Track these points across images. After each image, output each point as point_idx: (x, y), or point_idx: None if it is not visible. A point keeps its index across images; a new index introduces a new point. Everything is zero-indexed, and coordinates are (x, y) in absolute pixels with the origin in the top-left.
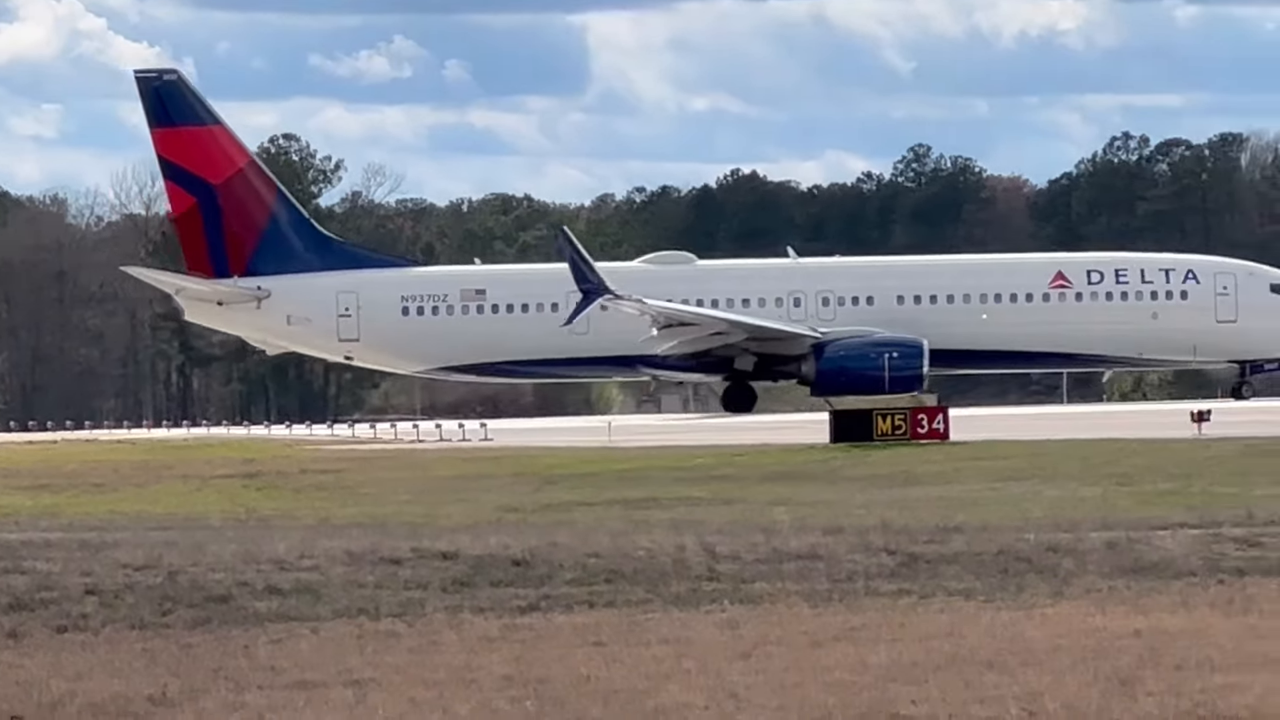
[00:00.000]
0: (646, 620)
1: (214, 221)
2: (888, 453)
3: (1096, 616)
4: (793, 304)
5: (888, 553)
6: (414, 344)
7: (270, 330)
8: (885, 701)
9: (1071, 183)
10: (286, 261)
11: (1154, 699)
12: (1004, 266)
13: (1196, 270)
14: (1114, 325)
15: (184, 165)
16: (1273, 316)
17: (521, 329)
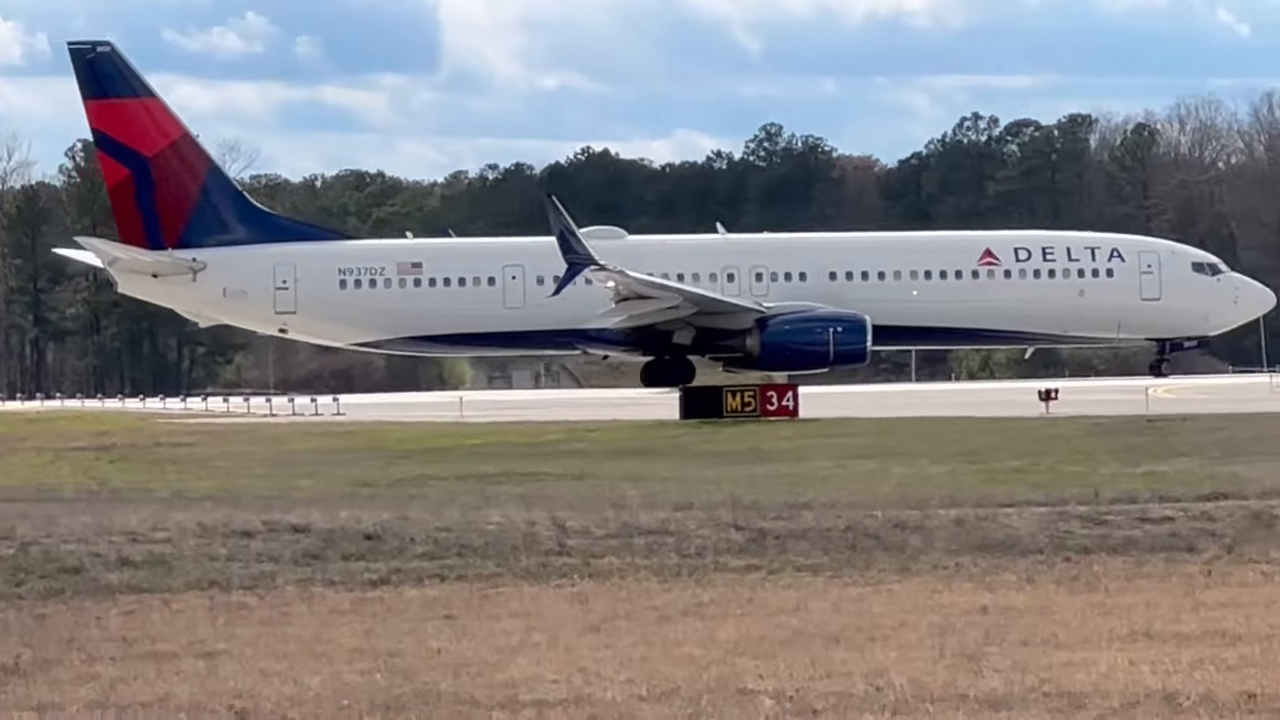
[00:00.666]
0: (497, 594)
1: (147, 193)
2: (737, 429)
3: (943, 593)
4: (726, 279)
5: (736, 529)
6: (351, 317)
7: (206, 302)
8: (733, 676)
9: (921, 162)
10: (220, 234)
11: (1000, 675)
12: (934, 243)
13: (1121, 249)
14: (1041, 302)
15: (117, 137)
16: (1193, 295)
17: (458, 303)
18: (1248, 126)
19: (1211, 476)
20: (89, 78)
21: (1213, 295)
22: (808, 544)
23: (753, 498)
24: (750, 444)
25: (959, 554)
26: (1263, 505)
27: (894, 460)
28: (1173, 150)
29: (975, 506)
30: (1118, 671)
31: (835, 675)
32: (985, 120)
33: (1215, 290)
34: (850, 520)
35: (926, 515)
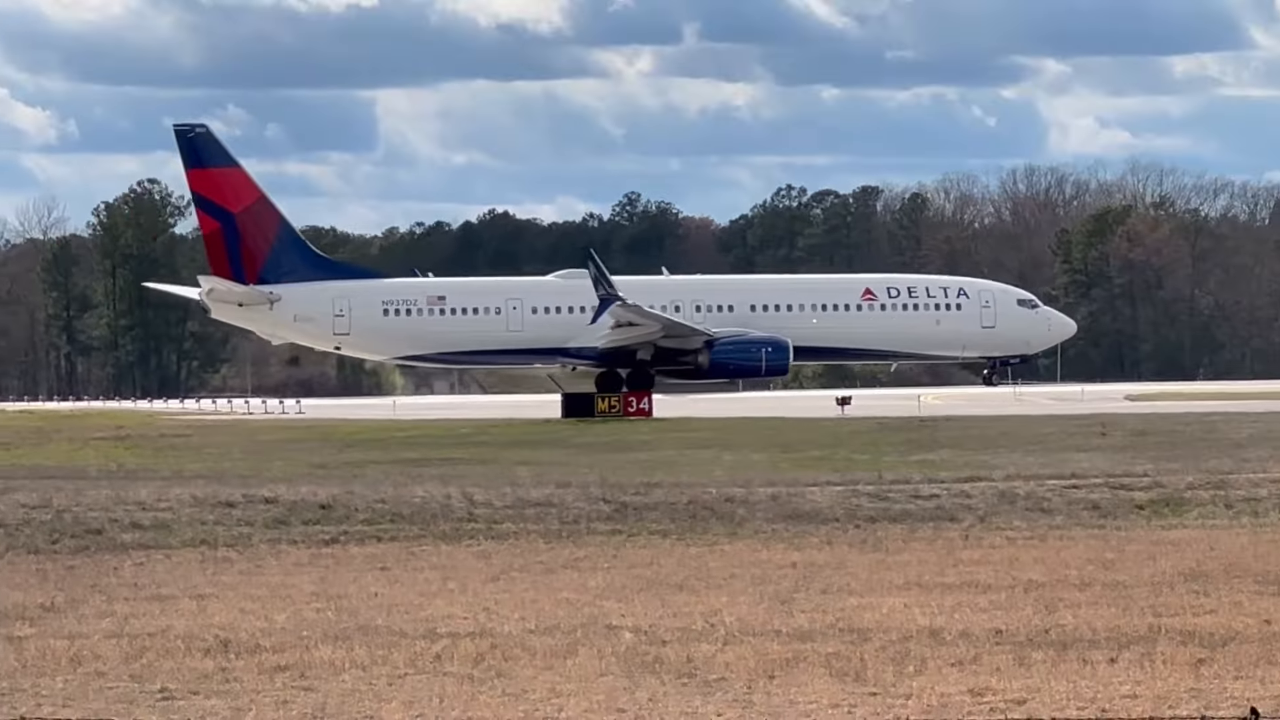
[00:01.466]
0: (420, 551)
1: (234, 241)
2: (606, 426)
3: (762, 551)
4: (674, 309)
5: (604, 501)
6: (391, 338)
7: (279, 326)
8: (601, 615)
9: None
10: (290, 272)
11: (806, 615)
12: (828, 284)
13: (965, 288)
14: (908, 329)
15: (210, 198)
16: (1019, 324)
17: (472, 327)
18: (997, 195)
19: (968, 463)
20: (189, 152)
21: (1032, 324)
22: (659, 513)
23: (617, 478)
24: (615, 437)
25: (775, 522)
26: (1007, 486)
27: (726, 450)
28: (939, 214)
29: (787, 486)
30: (896, 613)
31: (680, 614)
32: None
33: (1034, 320)
34: (691, 495)
35: (750, 492)
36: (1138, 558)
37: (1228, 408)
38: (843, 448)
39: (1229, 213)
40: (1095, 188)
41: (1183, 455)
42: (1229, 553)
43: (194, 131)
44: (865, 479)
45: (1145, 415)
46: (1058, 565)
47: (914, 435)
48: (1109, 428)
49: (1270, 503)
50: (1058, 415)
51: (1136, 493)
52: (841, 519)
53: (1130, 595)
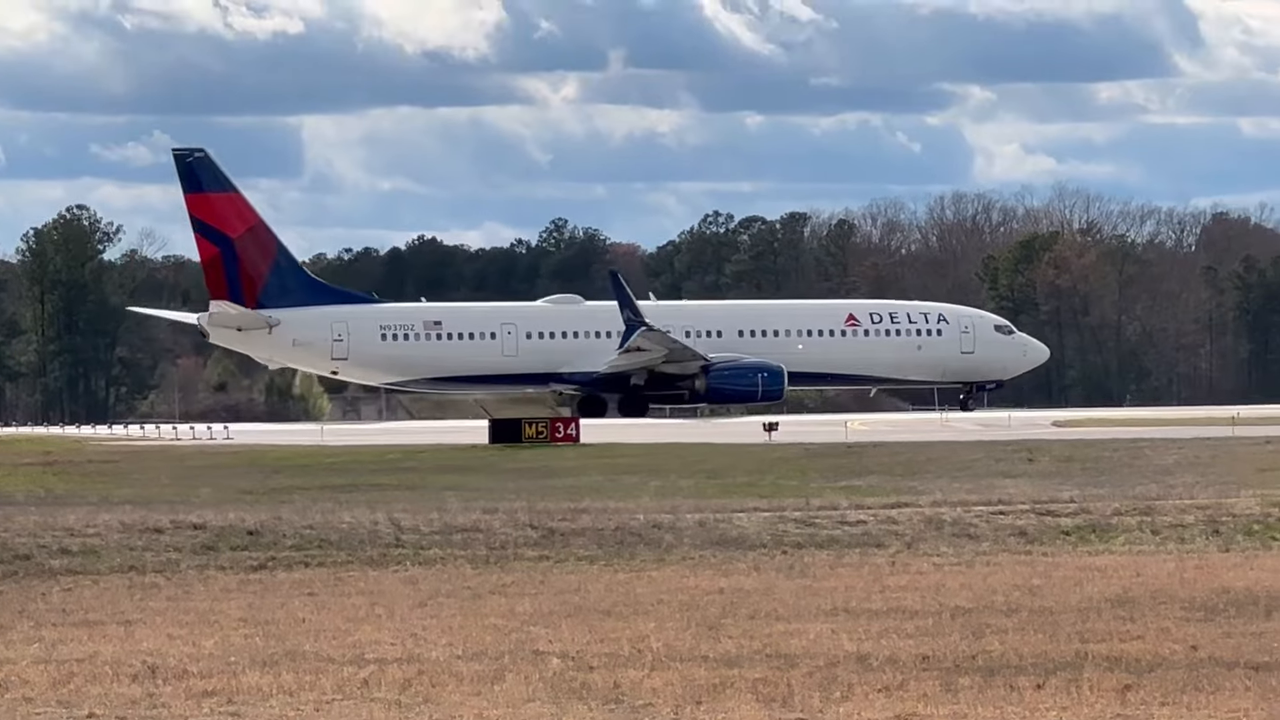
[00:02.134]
0: (348, 577)
1: (233, 266)
2: (533, 452)
3: (690, 577)
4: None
5: (532, 527)
6: (389, 363)
7: (277, 350)
8: (529, 640)
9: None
10: (288, 297)
11: (733, 641)
12: (812, 309)
13: (945, 314)
14: (890, 354)
15: (210, 222)
16: (996, 350)
17: (466, 352)
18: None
19: (895, 489)
20: (188, 176)
21: (1009, 350)
22: (586, 539)
23: (544, 504)
24: (542, 463)
25: (702, 548)
26: (934, 512)
27: (653, 476)
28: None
29: (714, 512)
30: (823, 639)
31: (607, 640)
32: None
33: (1010, 346)
34: (619, 521)
35: (677, 518)
36: (1064, 584)
37: (1154, 434)
38: (770, 474)
39: (1156, 239)
40: (1022, 214)
41: (1109, 481)
42: (1155, 579)
43: (192, 156)
44: (792, 505)
45: (1072, 441)
46: (984, 591)
47: (841, 461)
48: (1036, 454)
49: (1196, 529)
50: (984, 441)
51: (1063, 519)
52: (769, 545)
53: (1057, 621)
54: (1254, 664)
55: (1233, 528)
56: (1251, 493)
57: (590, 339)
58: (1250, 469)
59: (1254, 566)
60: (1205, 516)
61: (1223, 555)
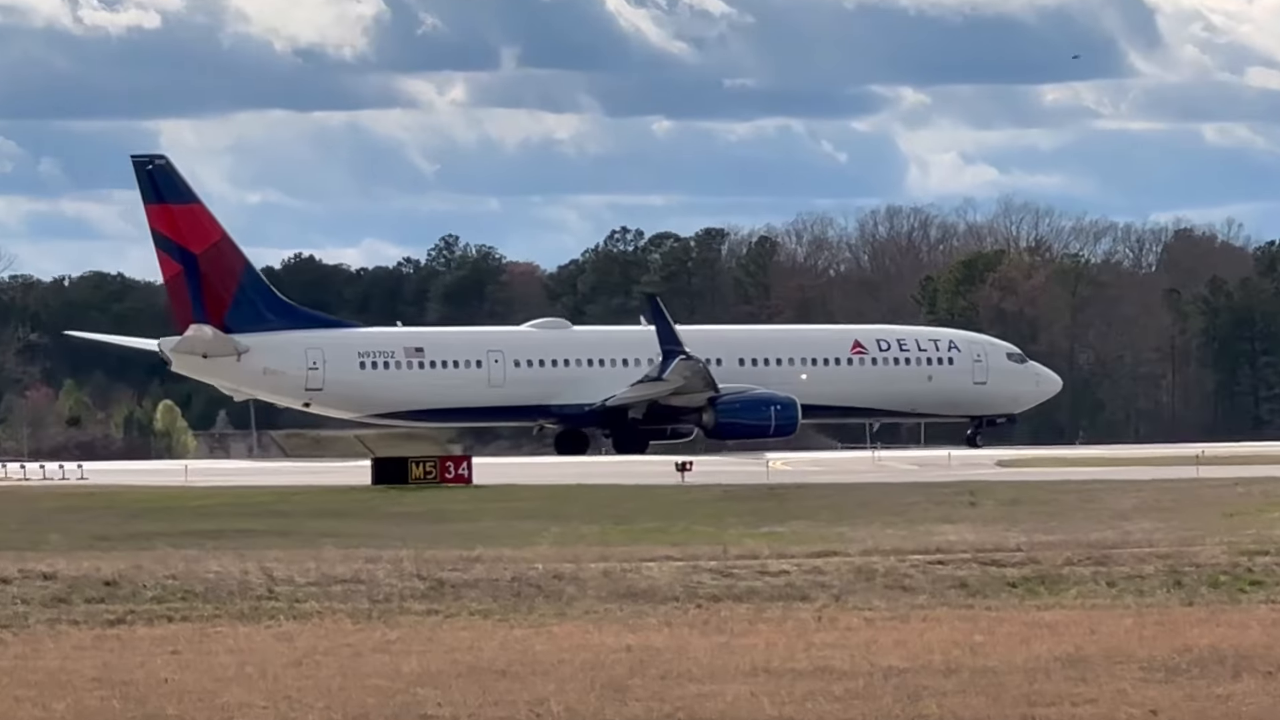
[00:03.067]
0: (215, 633)
1: (195, 285)
2: (420, 494)
3: (594, 634)
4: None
5: (419, 578)
6: (368, 394)
7: (245, 381)
8: (415, 704)
9: (578, 268)
10: (256, 322)
11: (642, 704)
12: (817, 335)
13: (956, 341)
14: (900, 385)
15: (171, 236)
16: (1009, 380)
17: (451, 382)
18: (855, 239)
19: (822, 536)
20: (148, 185)
21: (1022, 380)
22: (479, 591)
23: (433, 552)
24: (431, 506)
25: (607, 600)
26: (865, 561)
27: (553, 521)
28: (791, 259)
29: (621, 560)
30: (742, 702)
31: (502, 703)
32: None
33: (1023, 376)
34: (515, 571)
35: (580, 568)
36: (1010, 641)
37: (1110, 474)
38: (683, 519)
39: (1112, 258)
40: (964, 230)
41: (1060, 527)
42: (1111, 636)
43: (153, 163)
44: (708, 554)
45: (1018, 483)
46: (921, 649)
47: (762, 505)
48: (978, 497)
49: (1156, 580)
50: (922, 483)
51: (1009, 569)
52: (681, 598)
53: (1002, 683)
54: None
55: (1197, 579)
56: (1217, 540)
57: (582, 367)
58: (1216, 514)
59: (1220, 622)
60: (1166, 566)
61: (1186, 609)
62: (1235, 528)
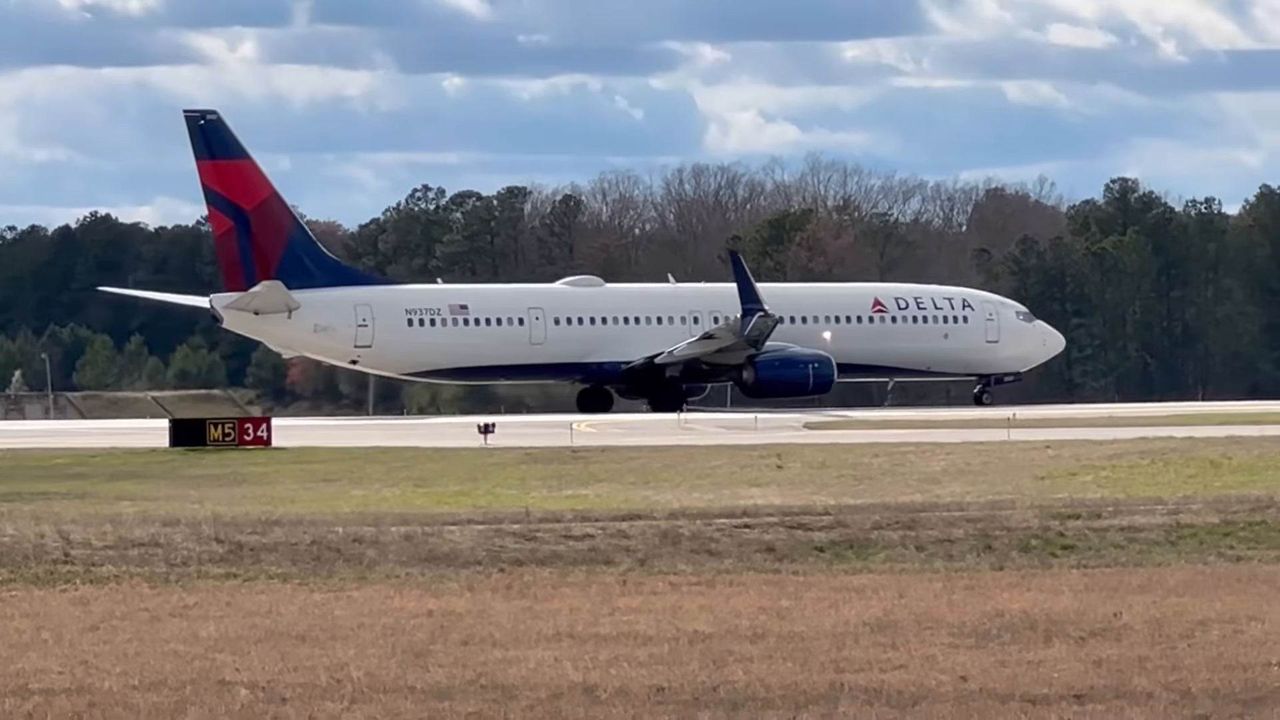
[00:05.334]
0: (10, 597)
1: (246, 241)
2: (219, 456)
3: (395, 598)
4: (693, 321)
5: (218, 541)
6: (415, 351)
7: (295, 338)
8: (214, 669)
9: (379, 228)
10: (304, 279)
11: (444, 670)
12: (840, 293)
13: (970, 300)
14: (917, 343)
15: (223, 193)
16: (1019, 339)
17: (494, 339)
18: (660, 198)
19: (627, 500)
20: (200, 141)
21: (1030, 339)
22: (279, 555)
23: (232, 515)
24: (230, 469)
25: (409, 565)
26: (670, 525)
27: (354, 484)
28: (595, 219)
29: (423, 524)
30: (545, 667)
31: (302, 669)
32: (434, 191)
33: (1032, 335)
34: (315, 535)
35: (381, 531)
36: (818, 606)
37: (919, 437)
38: (485, 481)
39: (922, 218)
40: (771, 189)
41: (868, 491)
42: (920, 600)
43: (205, 119)
44: (511, 517)
45: (826, 446)
46: (727, 614)
47: (565, 468)
48: (785, 460)
49: (966, 544)
50: (728, 446)
51: (816, 533)
52: (484, 561)
53: (809, 648)
54: (1030, 696)
55: (1007, 543)
56: (1028, 504)
57: (620, 325)
58: (1027, 477)
59: (1031, 587)
60: (977, 530)
61: (996, 574)
62: (1046, 491)
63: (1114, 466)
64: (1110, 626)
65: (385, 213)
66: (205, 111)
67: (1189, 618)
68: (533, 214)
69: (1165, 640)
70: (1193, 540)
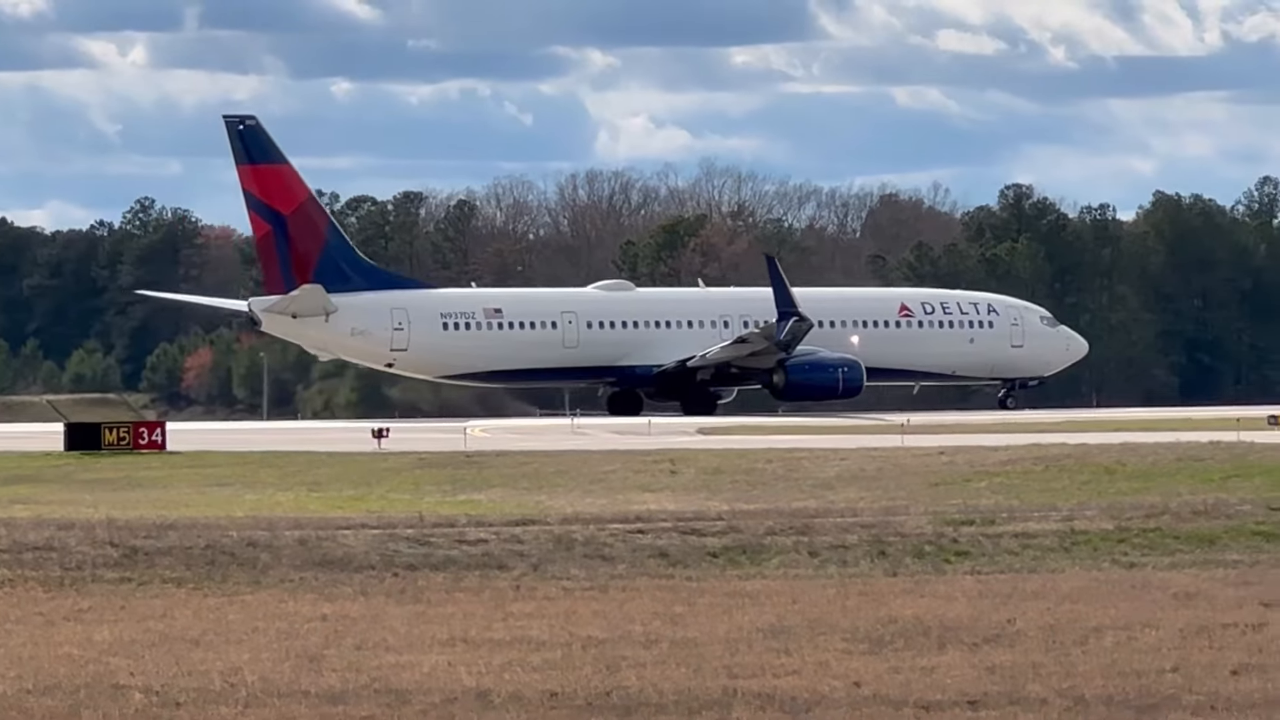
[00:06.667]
0: None
1: (284, 245)
2: (114, 460)
3: (289, 603)
4: (723, 325)
5: (112, 545)
6: (450, 355)
7: (332, 341)
8: (107, 673)
9: None
10: (341, 281)
11: (337, 674)
12: (866, 298)
13: (995, 305)
14: (943, 348)
15: (261, 197)
16: (1043, 343)
17: (528, 343)
18: (554, 204)
19: (520, 505)
20: (240, 145)
21: (1054, 344)
22: (173, 559)
23: (126, 519)
24: (125, 473)
25: (303, 569)
26: (564, 530)
27: (248, 488)
28: (490, 224)
29: (317, 529)
30: (439, 672)
31: (196, 673)
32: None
33: (1055, 339)
34: (209, 539)
35: (275, 535)
36: (711, 611)
37: (813, 443)
38: (379, 486)
39: (816, 223)
40: (665, 195)
41: (762, 496)
42: (814, 606)
43: (244, 124)
44: (404, 522)
45: (720, 451)
46: (621, 619)
47: (459, 472)
48: (679, 465)
49: (860, 550)
50: (622, 451)
51: (710, 538)
52: (378, 566)
53: (702, 654)
54: (924, 702)
55: (901, 549)
56: (922, 510)
57: (650, 329)
58: (921, 483)
59: (924, 593)
60: (870, 536)
61: (890, 580)
62: (940, 497)
63: (1008, 473)
64: (1004, 633)
65: None
66: (244, 117)
67: (1083, 624)
68: (427, 219)
69: (1059, 647)
70: (1087, 547)
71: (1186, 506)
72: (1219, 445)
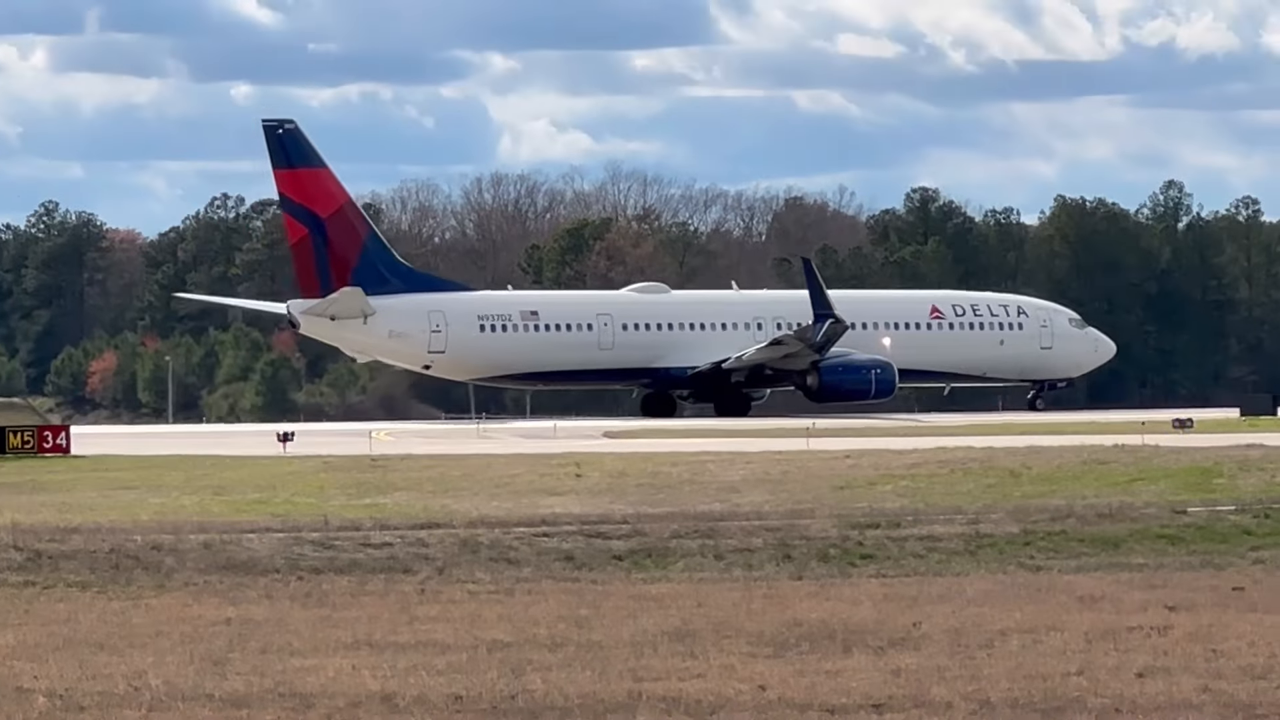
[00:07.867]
0: None
1: (322, 249)
2: (18, 464)
3: (193, 606)
4: (756, 327)
5: (16, 549)
6: (487, 356)
7: (370, 344)
8: (10, 677)
9: (179, 236)
10: (379, 284)
11: (242, 678)
12: (896, 300)
13: (1024, 306)
14: (973, 350)
15: (299, 201)
16: (1072, 345)
17: (564, 345)
18: (460, 207)
19: (426, 508)
20: (278, 150)
21: (1082, 345)
22: (77, 563)
23: (30, 523)
24: (29, 477)
25: (208, 573)
26: (469, 533)
27: (152, 492)
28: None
29: (221, 532)
30: (344, 676)
31: (100, 677)
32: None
33: (1084, 341)
34: (114, 543)
35: (180, 539)
36: (616, 614)
37: (719, 446)
38: (284, 489)
39: (722, 227)
40: (571, 198)
41: (667, 500)
42: (719, 609)
43: (283, 128)
44: (309, 525)
45: (625, 455)
46: (526, 623)
47: (364, 476)
48: (584, 468)
49: (766, 553)
50: (527, 454)
51: (615, 541)
52: (283, 570)
53: (608, 657)
54: (829, 706)
55: (806, 552)
56: (828, 513)
57: (685, 331)
58: (826, 486)
59: (830, 596)
60: (776, 539)
61: (795, 583)
62: (845, 501)
63: (913, 476)
64: (909, 636)
65: (185, 221)
66: (283, 121)
67: (988, 627)
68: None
69: (964, 650)
70: (992, 550)
71: (1091, 510)
72: (1124, 449)
